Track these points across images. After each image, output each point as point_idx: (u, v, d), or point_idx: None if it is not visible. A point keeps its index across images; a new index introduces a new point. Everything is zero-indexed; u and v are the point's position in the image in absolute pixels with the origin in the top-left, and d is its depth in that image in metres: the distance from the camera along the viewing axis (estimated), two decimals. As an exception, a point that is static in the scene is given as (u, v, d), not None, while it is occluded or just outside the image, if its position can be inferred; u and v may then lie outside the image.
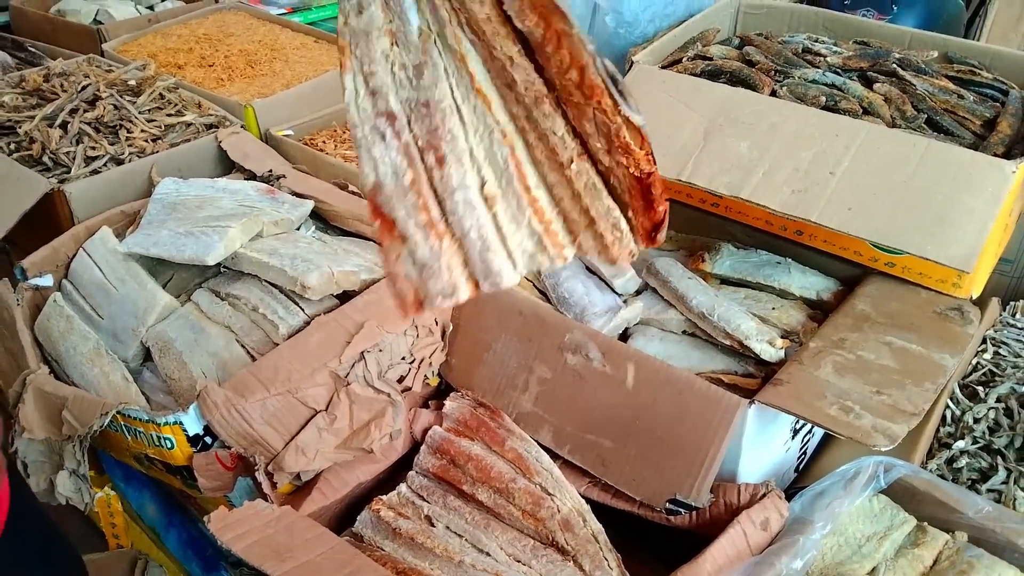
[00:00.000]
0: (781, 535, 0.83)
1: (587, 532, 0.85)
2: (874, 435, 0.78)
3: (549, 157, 0.54)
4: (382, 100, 0.53)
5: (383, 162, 0.52)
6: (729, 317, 0.93)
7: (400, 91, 0.53)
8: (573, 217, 0.54)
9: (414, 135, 0.53)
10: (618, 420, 0.90)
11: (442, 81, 0.53)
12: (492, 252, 0.53)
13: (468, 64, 0.53)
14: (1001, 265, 1.73)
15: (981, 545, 0.84)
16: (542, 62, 0.53)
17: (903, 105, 0.97)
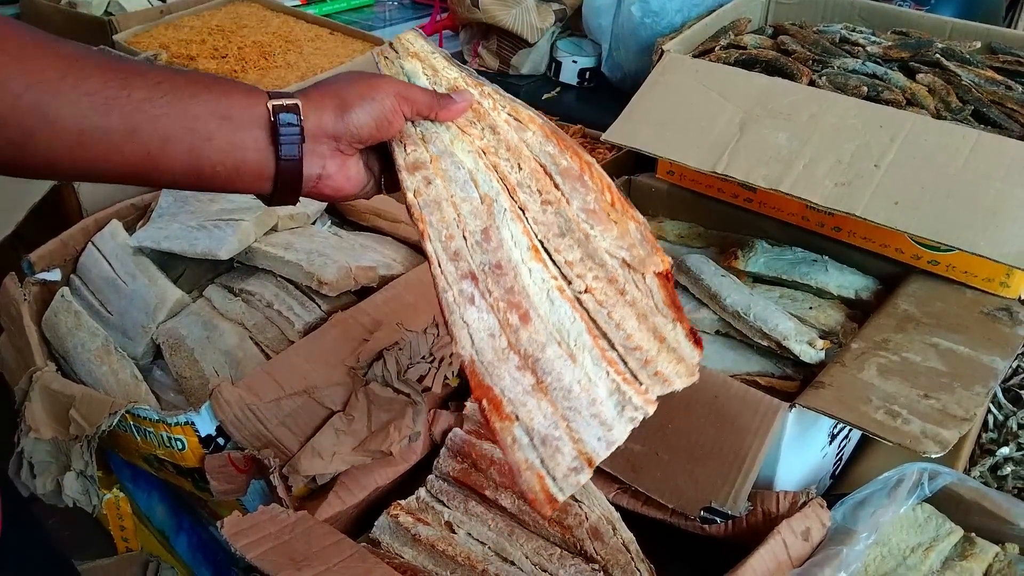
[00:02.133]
0: (823, 545, 0.78)
1: (617, 541, 0.81)
2: (924, 441, 0.74)
3: (607, 295, 0.60)
4: (464, 262, 0.58)
5: (477, 328, 0.56)
6: (766, 317, 0.89)
7: (474, 256, 0.58)
8: (644, 347, 0.59)
9: (495, 297, 0.57)
10: (649, 424, 0.85)
11: (507, 242, 0.59)
12: (598, 405, 0.57)
13: (525, 222, 0.60)
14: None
15: (1034, 557, 0.80)
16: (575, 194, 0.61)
17: (948, 96, 0.92)
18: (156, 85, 0.50)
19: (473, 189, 0.60)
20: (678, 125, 0.95)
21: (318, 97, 0.56)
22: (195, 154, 0.51)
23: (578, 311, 0.58)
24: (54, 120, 0.48)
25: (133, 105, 0.49)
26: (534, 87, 1.42)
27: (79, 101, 0.48)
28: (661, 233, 1.13)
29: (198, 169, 0.52)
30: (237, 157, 0.53)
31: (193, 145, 0.51)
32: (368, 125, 0.57)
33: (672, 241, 1.11)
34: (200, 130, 0.51)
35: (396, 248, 1.05)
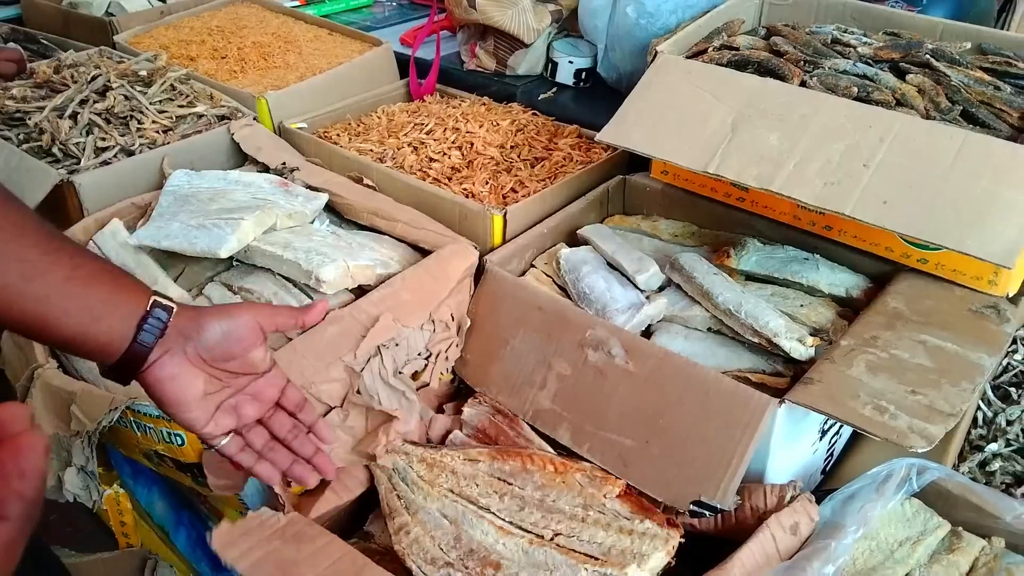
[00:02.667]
0: (811, 539, 0.79)
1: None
2: (911, 436, 0.75)
3: (573, 528, 0.80)
4: (440, 562, 0.79)
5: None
6: (757, 314, 0.90)
7: (449, 554, 0.79)
8: (618, 545, 0.77)
9: (470, 567, 0.78)
10: (640, 419, 0.87)
11: (476, 536, 0.80)
12: None
13: (490, 516, 0.82)
14: None
15: (1019, 552, 0.81)
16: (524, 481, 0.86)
17: (937, 97, 0.94)
18: (76, 266, 0.60)
19: (443, 520, 0.83)
20: (671, 125, 0.96)
21: (192, 309, 0.66)
22: (82, 328, 0.60)
23: (550, 547, 0.78)
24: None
25: (55, 280, 0.59)
26: (530, 87, 1.43)
27: (11, 266, 0.57)
28: (656, 232, 1.14)
29: (79, 339, 0.61)
30: (108, 337, 0.61)
31: (83, 321, 0.60)
32: (216, 333, 0.66)
33: (666, 240, 1.13)
34: (96, 311, 0.61)
35: (393, 247, 1.07)
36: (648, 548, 0.77)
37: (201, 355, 0.66)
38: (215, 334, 0.66)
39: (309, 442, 0.77)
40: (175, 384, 0.65)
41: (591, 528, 0.81)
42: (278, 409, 0.75)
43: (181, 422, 0.67)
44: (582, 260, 1.04)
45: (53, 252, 0.59)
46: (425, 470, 0.90)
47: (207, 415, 0.68)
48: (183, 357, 0.65)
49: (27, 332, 0.60)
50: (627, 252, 1.04)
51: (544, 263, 1.09)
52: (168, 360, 0.64)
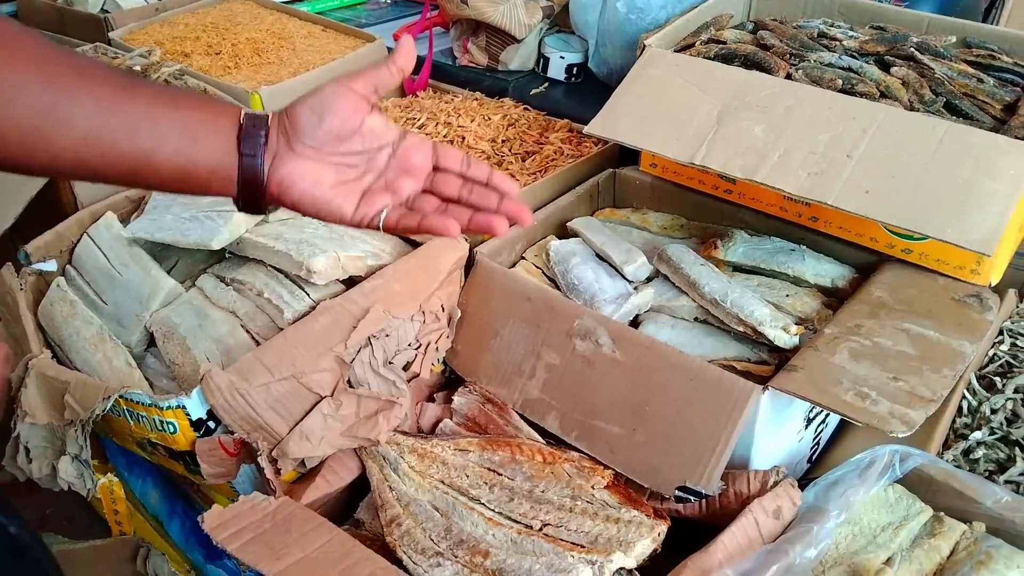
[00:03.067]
0: (794, 524, 0.81)
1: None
2: (891, 421, 0.76)
3: (561, 518, 0.81)
4: (430, 551, 0.80)
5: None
6: (742, 303, 0.92)
7: (440, 544, 0.81)
8: (605, 533, 0.78)
9: (460, 556, 0.79)
10: (627, 406, 0.88)
11: (467, 527, 0.82)
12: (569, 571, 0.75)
13: (480, 507, 0.84)
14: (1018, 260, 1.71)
15: (999, 535, 0.82)
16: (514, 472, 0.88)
17: (921, 89, 0.95)
18: (156, 94, 0.57)
19: (434, 512, 0.84)
20: (658, 118, 0.97)
21: (284, 108, 0.61)
22: (183, 154, 0.57)
23: (538, 537, 0.79)
24: (65, 120, 0.53)
25: (137, 109, 0.55)
26: (522, 82, 1.44)
27: (89, 104, 0.53)
28: (646, 224, 1.15)
29: (184, 169, 0.57)
30: (214, 158, 0.58)
31: (182, 146, 0.57)
32: (309, 117, 0.59)
33: (656, 232, 1.14)
34: (190, 132, 0.57)
35: (385, 239, 1.08)
36: (634, 536, 0.79)
37: (312, 146, 0.60)
38: (309, 119, 0.59)
39: (490, 192, 0.65)
40: (302, 182, 0.59)
41: (579, 518, 0.82)
42: (441, 172, 0.65)
43: (330, 218, 0.62)
44: (571, 252, 1.05)
45: (127, 87, 0.55)
46: (416, 461, 0.91)
47: (352, 203, 0.61)
48: (295, 155, 0.60)
49: (127, 175, 0.57)
50: (616, 244, 1.05)
51: (534, 255, 1.10)
52: (282, 164, 0.59)
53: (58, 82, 0.53)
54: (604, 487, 0.86)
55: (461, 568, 0.78)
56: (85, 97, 0.53)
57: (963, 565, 0.79)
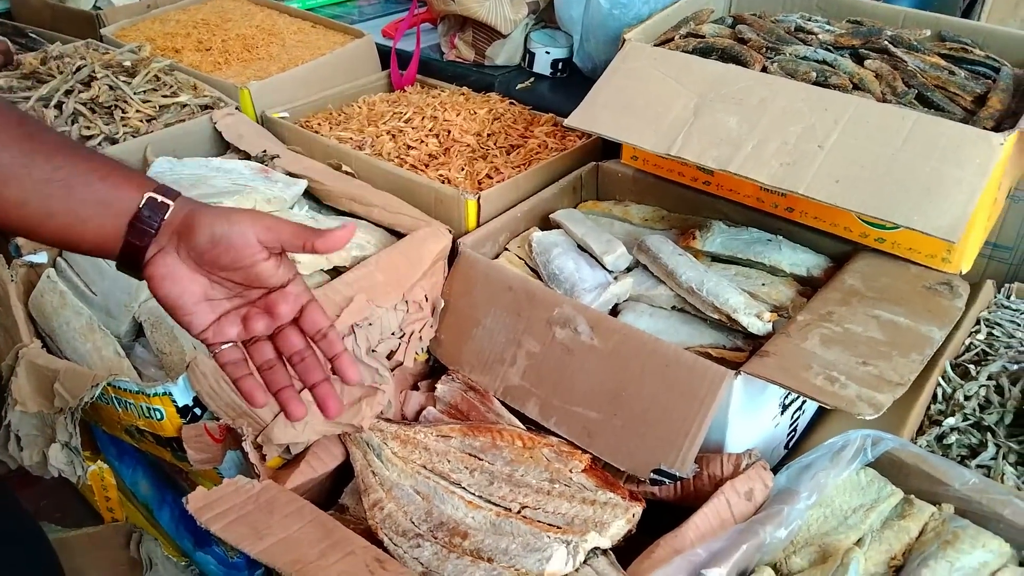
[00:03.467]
0: (766, 505, 0.83)
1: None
2: (859, 404, 0.78)
3: (539, 501, 0.84)
4: (411, 533, 0.83)
5: (426, 554, 0.80)
6: (718, 291, 0.94)
7: (420, 527, 0.83)
8: (581, 515, 0.81)
9: (439, 537, 0.81)
10: (604, 392, 0.90)
11: (447, 510, 0.84)
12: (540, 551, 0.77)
13: (460, 491, 0.86)
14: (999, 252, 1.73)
15: (967, 517, 0.84)
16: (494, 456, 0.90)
17: (894, 81, 0.97)
18: (56, 169, 0.57)
19: (415, 496, 0.87)
20: (636, 110, 0.99)
21: (197, 205, 0.61)
22: (68, 230, 0.58)
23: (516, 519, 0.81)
24: None
25: (30, 183, 0.56)
26: (508, 77, 1.46)
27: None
28: (627, 216, 1.17)
29: (66, 239, 0.59)
30: (105, 236, 0.59)
31: (68, 223, 0.58)
32: (205, 238, 0.60)
33: (637, 224, 1.16)
34: (79, 212, 0.58)
35: (371, 231, 1.09)
36: (609, 517, 0.81)
37: (196, 261, 0.61)
38: (204, 239, 0.59)
39: (318, 369, 0.67)
40: (171, 284, 0.60)
41: (556, 500, 0.84)
42: (293, 328, 0.66)
43: (180, 323, 0.62)
44: (553, 243, 1.07)
45: (28, 154, 0.56)
46: (399, 447, 0.93)
47: (206, 320, 0.62)
48: (177, 257, 0.60)
49: (17, 234, 0.62)
50: (596, 235, 1.07)
51: (517, 246, 1.12)
52: (162, 259, 0.60)
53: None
54: (582, 471, 0.88)
55: (440, 549, 0.80)
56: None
57: (930, 545, 0.80)
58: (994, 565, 0.79)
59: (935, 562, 0.78)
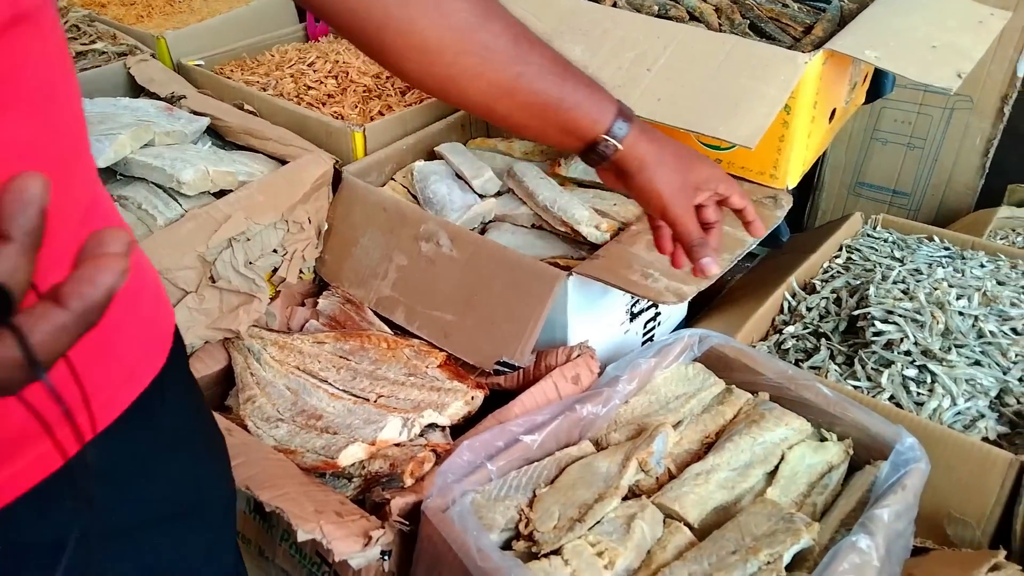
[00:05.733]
0: (591, 388, 0.92)
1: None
2: (665, 294, 0.87)
3: (394, 391, 0.94)
4: (274, 418, 0.93)
5: (283, 432, 0.91)
6: (567, 208, 1.02)
7: (284, 414, 0.94)
8: (429, 400, 0.91)
9: (298, 421, 0.92)
10: (460, 297, 0.99)
11: (310, 401, 0.94)
12: (387, 427, 0.87)
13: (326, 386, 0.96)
14: (898, 198, 1.83)
15: (780, 402, 0.93)
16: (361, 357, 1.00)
17: (732, 14, 1.05)
18: (576, 73, 0.67)
19: (286, 391, 0.96)
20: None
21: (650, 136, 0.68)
22: (572, 114, 0.65)
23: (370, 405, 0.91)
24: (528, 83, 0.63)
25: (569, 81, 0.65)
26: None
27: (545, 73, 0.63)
28: (510, 151, 1.26)
29: (565, 124, 0.66)
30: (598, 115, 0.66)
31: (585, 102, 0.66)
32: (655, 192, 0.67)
33: (518, 157, 1.24)
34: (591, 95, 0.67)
35: (264, 162, 1.18)
36: (450, 400, 0.90)
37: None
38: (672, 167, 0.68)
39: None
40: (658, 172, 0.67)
41: (408, 389, 0.93)
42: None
43: (659, 210, 0.69)
44: (432, 171, 1.16)
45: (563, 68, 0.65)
46: (277, 351, 1.02)
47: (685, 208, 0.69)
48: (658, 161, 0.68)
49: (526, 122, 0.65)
50: (471, 163, 1.16)
51: (402, 176, 1.20)
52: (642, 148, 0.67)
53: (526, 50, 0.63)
54: (437, 366, 0.97)
55: (295, 428, 0.89)
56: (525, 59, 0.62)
57: (740, 424, 0.90)
58: (792, 439, 0.88)
59: (739, 437, 0.87)
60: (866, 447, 0.87)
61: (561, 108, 0.65)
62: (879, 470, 0.82)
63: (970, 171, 1.69)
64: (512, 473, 0.81)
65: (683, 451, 0.88)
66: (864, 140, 1.77)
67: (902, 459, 0.82)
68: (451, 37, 0.59)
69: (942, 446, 0.88)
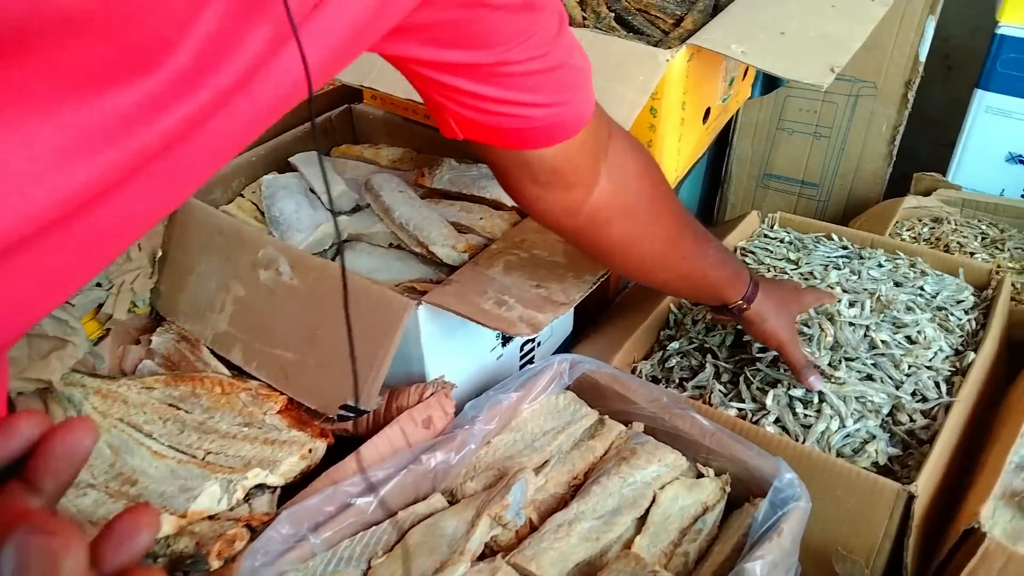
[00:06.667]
0: (445, 431, 0.82)
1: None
2: (519, 325, 0.78)
3: (224, 446, 0.82)
4: (84, 484, 0.79)
5: (86, 503, 0.77)
6: (423, 226, 0.92)
7: (98, 479, 0.80)
8: (260, 456, 0.80)
9: (109, 488, 0.79)
10: (302, 332, 0.88)
11: (131, 460, 0.81)
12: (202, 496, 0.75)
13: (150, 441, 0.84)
14: (807, 189, 1.78)
15: (655, 433, 0.85)
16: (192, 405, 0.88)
17: (598, 7, 0.96)
18: (716, 254, 0.82)
19: (106, 450, 0.83)
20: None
21: (768, 293, 0.86)
22: (720, 293, 0.84)
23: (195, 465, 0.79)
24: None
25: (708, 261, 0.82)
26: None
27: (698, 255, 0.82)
28: (377, 159, 1.15)
29: (712, 298, 0.86)
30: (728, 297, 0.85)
31: (723, 288, 0.84)
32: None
33: (384, 166, 1.13)
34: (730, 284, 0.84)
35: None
36: (283, 455, 0.79)
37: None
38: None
39: None
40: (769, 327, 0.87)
41: (239, 443, 0.82)
42: None
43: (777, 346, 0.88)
44: (281, 185, 1.04)
45: (706, 255, 0.80)
46: (100, 401, 0.89)
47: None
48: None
49: (695, 294, 0.89)
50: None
51: (252, 192, 1.09)
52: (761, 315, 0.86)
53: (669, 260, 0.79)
54: (276, 412, 0.86)
55: (103, 495, 0.78)
56: (701, 253, 0.80)
57: (609, 462, 0.81)
58: (666, 478, 0.80)
59: (607, 478, 0.79)
60: (745, 482, 0.79)
61: (715, 286, 0.83)
62: (758, 509, 0.75)
63: (877, 159, 1.64)
64: (344, 543, 0.71)
65: (548, 495, 0.79)
66: (770, 131, 1.71)
67: (780, 497, 0.74)
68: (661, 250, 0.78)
69: (828, 476, 0.80)
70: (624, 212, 0.72)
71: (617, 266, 0.80)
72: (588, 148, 0.66)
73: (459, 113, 0.60)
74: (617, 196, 0.71)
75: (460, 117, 0.60)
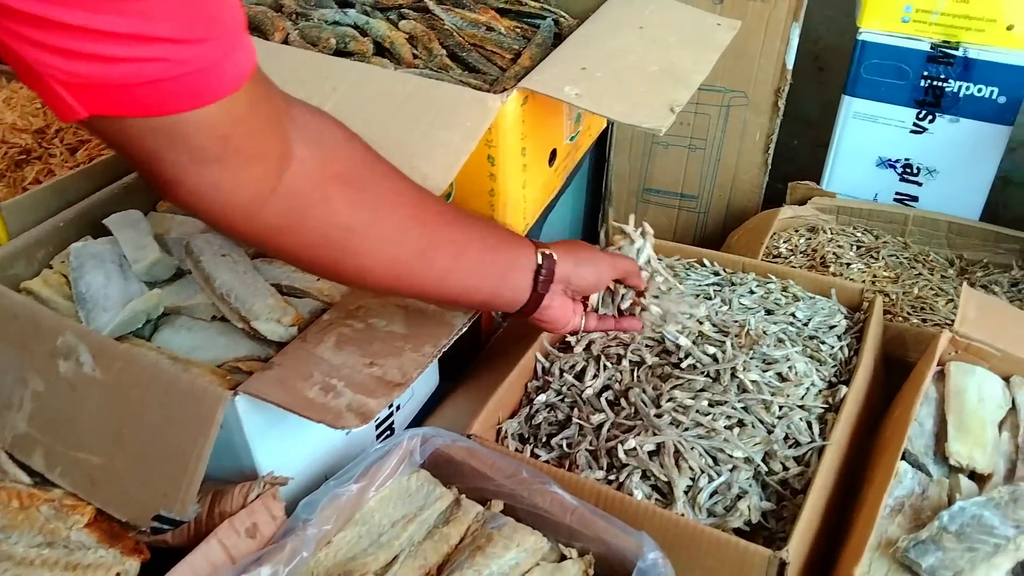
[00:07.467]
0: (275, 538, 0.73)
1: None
2: (346, 416, 0.69)
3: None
4: None
5: None
6: (245, 297, 0.82)
7: None
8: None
9: None
10: (108, 431, 0.77)
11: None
12: None
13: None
14: (687, 201, 1.74)
15: (515, 511, 0.78)
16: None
17: (430, 43, 0.88)
18: (486, 237, 0.72)
19: None
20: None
21: (563, 252, 0.78)
22: (493, 290, 0.76)
23: None
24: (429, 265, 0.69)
25: (475, 254, 0.72)
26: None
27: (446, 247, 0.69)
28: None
29: (488, 300, 0.78)
30: (516, 293, 0.78)
31: (493, 284, 0.75)
32: (588, 280, 0.83)
33: (217, 220, 1.02)
34: (502, 273, 0.75)
35: None
36: None
37: (572, 290, 0.84)
38: (586, 281, 0.83)
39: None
40: (554, 314, 0.84)
41: (38, 570, 0.71)
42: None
43: (560, 333, 0.90)
44: (91, 254, 0.92)
45: (471, 227, 0.69)
46: None
47: (574, 316, 0.89)
48: (561, 296, 0.83)
49: (450, 302, 0.77)
50: (139, 240, 0.93)
51: (61, 262, 0.96)
52: (553, 301, 0.82)
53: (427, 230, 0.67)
54: (84, 526, 0.75)
55: None
56: (442, 239, 0.68)
57: (464, 552, 0.73)
58: (526, 565, 0.73)
59: (460, 573, 0.71)
60: (610, 562, 0.73)
61: (501, 264, 0.75)
62: (623, 594, 0.68)
63: (753, 168, 1.62)
64: None
65: (398, 598, 0.71)
66: (645, 145, 1.67)
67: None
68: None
69: (696, 545, 0.75)
70: (343, 182, 0.58)
71: (368, 264, 0.62)
72: (263, 110, 0.53)
73: (68, 73, 0.42)
74: (327, 164, 0.57)
75: (71, 80, 0.43)
